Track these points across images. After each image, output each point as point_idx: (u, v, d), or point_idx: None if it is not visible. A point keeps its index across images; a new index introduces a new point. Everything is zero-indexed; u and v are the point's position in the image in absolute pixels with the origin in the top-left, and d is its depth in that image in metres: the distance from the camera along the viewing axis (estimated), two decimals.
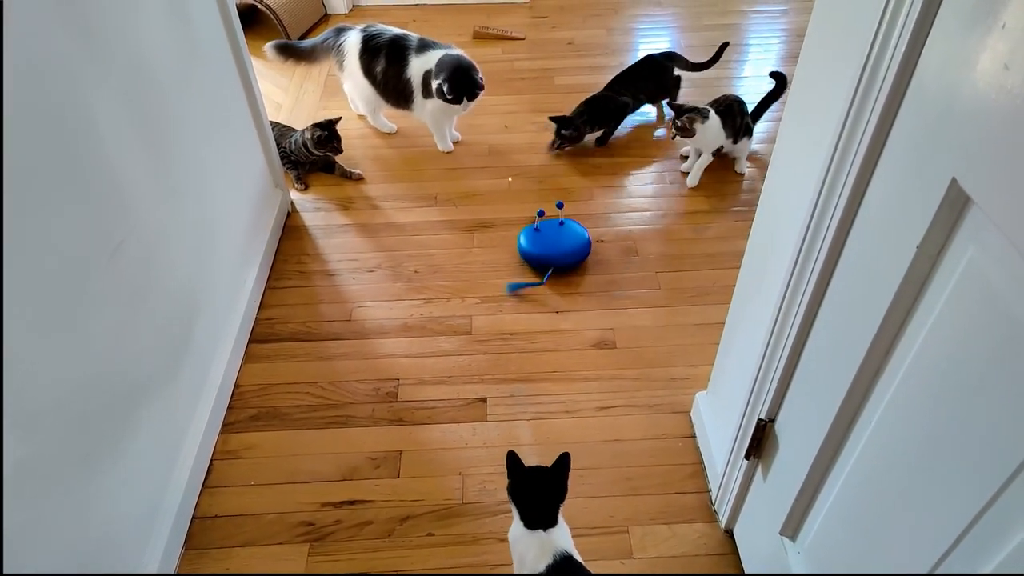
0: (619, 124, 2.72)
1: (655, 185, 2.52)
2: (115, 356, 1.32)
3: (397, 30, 2.57)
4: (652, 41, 3.37)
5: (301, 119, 2.81)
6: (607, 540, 1.53)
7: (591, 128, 2.63)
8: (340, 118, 2.48)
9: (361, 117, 2.82)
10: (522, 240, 2.19)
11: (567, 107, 2.65)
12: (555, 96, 2.94)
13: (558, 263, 2.13)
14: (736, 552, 1.49)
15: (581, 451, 1.69)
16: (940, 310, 0.78)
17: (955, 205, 0.74)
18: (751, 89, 3.02)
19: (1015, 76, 0.63)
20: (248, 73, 2.06)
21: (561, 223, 2.20)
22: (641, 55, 2.81)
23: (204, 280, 1.73)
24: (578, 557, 1.26)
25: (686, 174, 2.53)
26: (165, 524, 1.46)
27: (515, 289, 2.10)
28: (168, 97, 1.59)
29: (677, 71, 2.82)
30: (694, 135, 2.35)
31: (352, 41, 2.57)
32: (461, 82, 2.37)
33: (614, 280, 2.14)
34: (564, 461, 1.32)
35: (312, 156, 2.46)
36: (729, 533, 1.52)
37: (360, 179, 2.54)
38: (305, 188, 2.50)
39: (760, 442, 1.30)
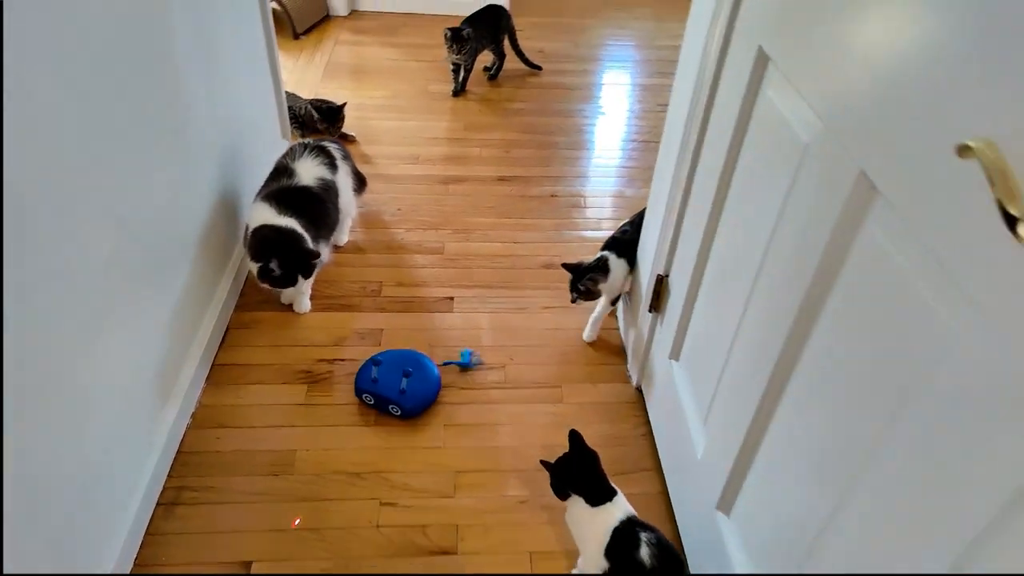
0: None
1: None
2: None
3: (311, 182, 2.10)
4: (613, 55, 3.91)
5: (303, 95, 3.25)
6: (543, 392, 1.93)
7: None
8: (346, 103, 2.91)
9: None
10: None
11: (529, 112, 3.10)
12: (526, 92, 3.44)
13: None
14: (642, 400, 1.90)
15: (528, 335, 2.10)
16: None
17: (759, 67, 1.18)
18: None
19: None
20: (273, 46, 2.51)
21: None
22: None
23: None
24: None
25: None
26: (189, 368, 1.83)
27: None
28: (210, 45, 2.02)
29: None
30: (600, 296, 2.03)
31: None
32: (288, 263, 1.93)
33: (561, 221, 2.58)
34: (574, 436, 1.48)
35: (317, 126, 2.89)
36: (639, 389, 1.94)
37: (353, 141, 2.98)
38: None
39: (659, 295, 1.73)
